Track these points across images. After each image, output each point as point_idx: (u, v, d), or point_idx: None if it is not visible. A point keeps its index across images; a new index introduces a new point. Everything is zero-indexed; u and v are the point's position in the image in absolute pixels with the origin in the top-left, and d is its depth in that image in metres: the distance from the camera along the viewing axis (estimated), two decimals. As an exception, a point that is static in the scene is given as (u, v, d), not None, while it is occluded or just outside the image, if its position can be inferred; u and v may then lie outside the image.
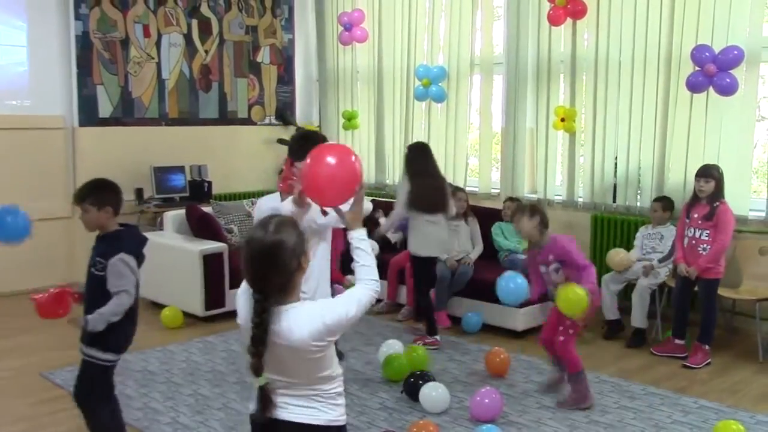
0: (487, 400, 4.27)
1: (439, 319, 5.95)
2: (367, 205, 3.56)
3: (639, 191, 6.54)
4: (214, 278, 6.31)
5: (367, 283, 2.46)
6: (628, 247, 6.24)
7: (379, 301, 6.14)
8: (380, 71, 8.48)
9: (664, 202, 6.01)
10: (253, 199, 7.71)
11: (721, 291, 5.60)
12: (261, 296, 2.27)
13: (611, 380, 4.93)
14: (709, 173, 5.32)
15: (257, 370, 2.29)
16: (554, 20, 6.77)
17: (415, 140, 8.11)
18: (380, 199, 7.56)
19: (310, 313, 2.30)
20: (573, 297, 4.17)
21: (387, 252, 6.71)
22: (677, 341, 5.46)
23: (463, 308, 6.15)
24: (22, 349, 5.54)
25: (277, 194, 3.97)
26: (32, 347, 5.57)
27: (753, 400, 4.66)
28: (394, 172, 8.39)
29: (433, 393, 4.39)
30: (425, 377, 4.56)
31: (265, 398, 2.32)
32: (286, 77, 9.23)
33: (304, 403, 2.38)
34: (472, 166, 8.10)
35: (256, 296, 2.27)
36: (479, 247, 6.45)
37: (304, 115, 9.40)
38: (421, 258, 5.69)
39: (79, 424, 4.17)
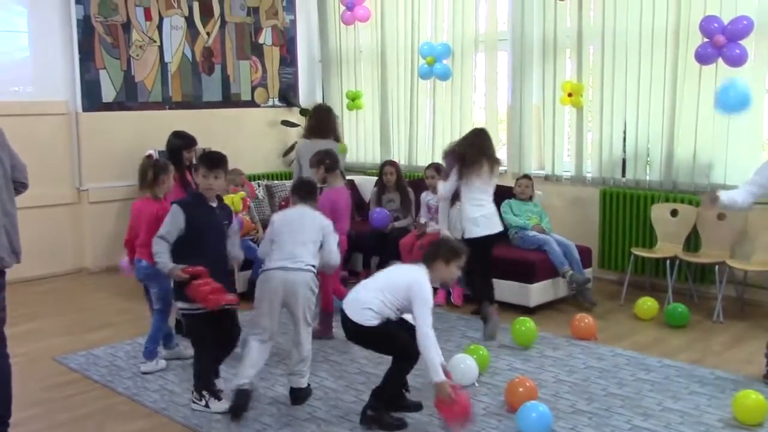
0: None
1: (454, 295, 6.11)
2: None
3: (648, 165, 6.50)
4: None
5: None
6: (638, 222, 6.26)
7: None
8: (383, 50, 8.40)
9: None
10: (260, 181, 7.67)
11: (732, 263, 5.58)
12: None
13: (626, 353, 4.92)
14: None
15: None
16: (560, -6, 6.71)
17: (419, 119, 8.09)
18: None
19: None
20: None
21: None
22: None
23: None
24: (31, 335, 5.49)
25: None
26: (41, 334, 5.56)
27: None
28: (399, 153, 8.33)
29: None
30: None
31: None
32: (288, 58, 9.16)
33: None
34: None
35: None
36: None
37: (308, 96, 9.33)
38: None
39: (94, 408, 4.19)
